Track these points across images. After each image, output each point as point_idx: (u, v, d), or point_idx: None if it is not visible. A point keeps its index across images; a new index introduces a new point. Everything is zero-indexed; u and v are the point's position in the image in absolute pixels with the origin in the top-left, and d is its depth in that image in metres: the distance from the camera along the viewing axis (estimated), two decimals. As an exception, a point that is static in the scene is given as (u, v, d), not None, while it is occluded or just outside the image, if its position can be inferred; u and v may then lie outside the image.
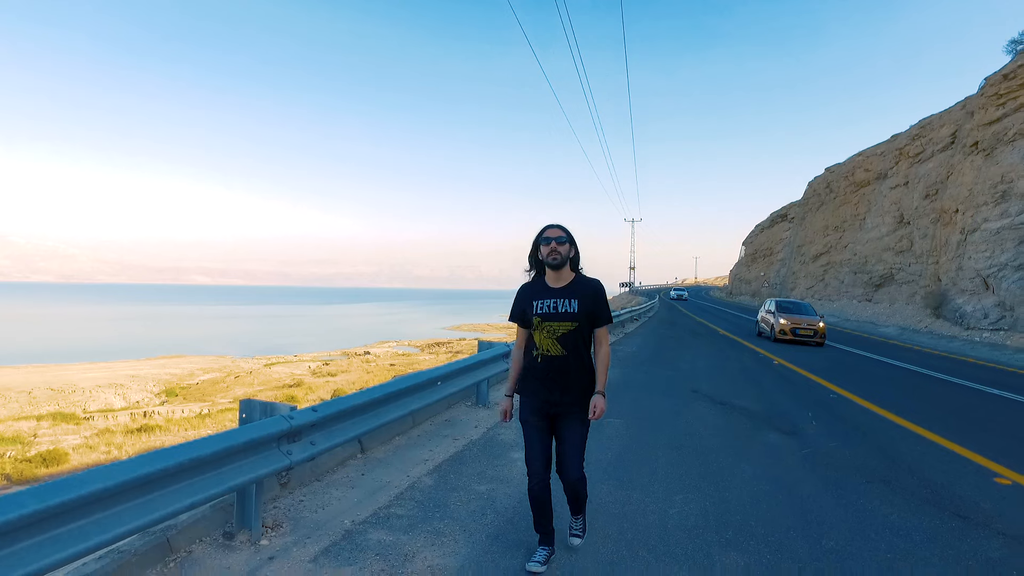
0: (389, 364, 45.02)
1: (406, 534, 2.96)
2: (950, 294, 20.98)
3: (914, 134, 27.80)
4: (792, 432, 5.49)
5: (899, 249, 27.16)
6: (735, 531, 3.14)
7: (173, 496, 2.40)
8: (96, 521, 2.07)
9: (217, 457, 2.55)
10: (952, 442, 5.30)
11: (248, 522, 2.85)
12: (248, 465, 2.67)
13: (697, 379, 8.52)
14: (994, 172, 19.59)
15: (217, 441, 2.54)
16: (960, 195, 21.47)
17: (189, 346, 55.56)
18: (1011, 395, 8.32)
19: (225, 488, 2.55)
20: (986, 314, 18.65)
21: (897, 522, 3.37)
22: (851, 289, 31.10)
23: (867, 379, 9.35)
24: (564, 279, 2.66)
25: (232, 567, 2.61)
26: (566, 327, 2.57)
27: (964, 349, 16.02)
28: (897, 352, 14.34)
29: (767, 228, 55.31)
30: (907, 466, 4.53)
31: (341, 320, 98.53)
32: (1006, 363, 12.86)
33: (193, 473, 2.48)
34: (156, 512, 2.30)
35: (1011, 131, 19.33)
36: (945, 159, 24.40)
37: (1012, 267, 18.17)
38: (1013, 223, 18.45)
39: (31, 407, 28.52)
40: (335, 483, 3.66)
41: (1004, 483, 4.19)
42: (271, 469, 2.74)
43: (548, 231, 2.64)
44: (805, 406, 6.79)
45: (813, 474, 4.25)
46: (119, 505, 2.17)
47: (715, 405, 6.64)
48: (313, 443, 3.01)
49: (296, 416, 2.88)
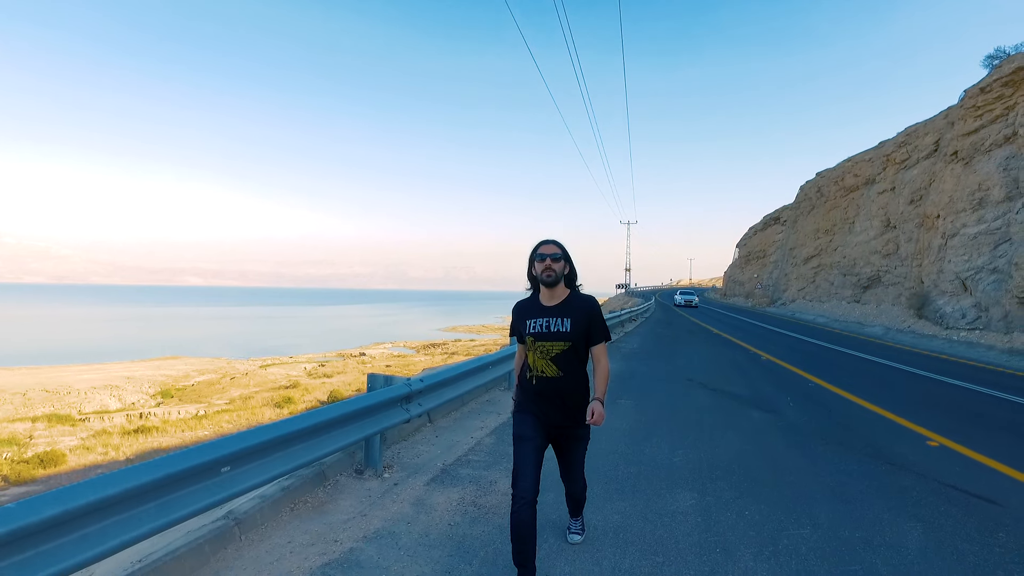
0: (385, 365, 45.91)
1: (486, 471, 4.16)
2: (932, 295, 22.44)
3: (900, 141, 29.33)
4: (771, 411, 6.74)
5: (886, 252, 28.66)
6: (722, 471, 4.37)
7: (334, 438, 3.56)
8: (281, 458, 3.10)
9: (361, 413, 3.73)
10: (902, 418, 6.56)
11: (373, 462, 4.04)
12: (381, 418, 3.87)
13: (693, 371, 9.78)
14: (972, 180, 21.06)
15: (362, 400, 3.72)
16: (941, 201, 22.96)
17: (184, 347, 56.16)
18: (964, 383, 9.63)
19: (367, 434, 3.74)
20: (964, 314, 20.10)
21: (843, 467, 4.61)
22: (840, 291, 32.61)
23: (843, 372, 10.64)
24: (557, 297, 2.62)
25: (371, 490, 3.79)
26: (559, 347, 2.55)
27: (942, 347, 17.40)
28: (878, 350, 15.69)
29: (760, 231, 56.97)
30: (860, 434, 5.78)
31: (336, 321, 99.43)
32: (975, 359, 14.21)
33: (346, 423, 3.65)
34: (322, 450, 3.41)
35: (987, 141, 20.82)
36: (928, 166, 25.92)
37: (988, 270, 19.61)
38: (989, 228, 19.90)
39: (26, 409, 29.08)
40: (418, 442, 4.86)
41: (933, 445, 5.44)
42: (396, 421, 3.93)
43: (543, 247, 2.61)
44: (785, 392, 8.05)
45: (784, 439, 5.49)
46: (295, 446, 3.25)
47: (708, 391, 7.89)
48: (420, 404, 4.23)
49: (413, 383, 4.09)
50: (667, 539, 3.14)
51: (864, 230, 31.11)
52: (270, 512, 3.27)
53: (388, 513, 3.41)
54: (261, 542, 2.98)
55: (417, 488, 3.83)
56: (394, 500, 3.62)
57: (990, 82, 21.06)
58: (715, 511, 3.56)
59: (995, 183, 19.97)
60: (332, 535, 3.10)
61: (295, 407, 29.13)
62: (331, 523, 3.25)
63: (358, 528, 3.19)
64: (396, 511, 3.44)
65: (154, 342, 60.48)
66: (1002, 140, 20.14)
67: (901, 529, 3.38)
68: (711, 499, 3.77)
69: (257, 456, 2.85)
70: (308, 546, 2.97)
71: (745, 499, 3.79)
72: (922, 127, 27.85)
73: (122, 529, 2.12)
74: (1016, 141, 19.47)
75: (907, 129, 29.29)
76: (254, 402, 31.08)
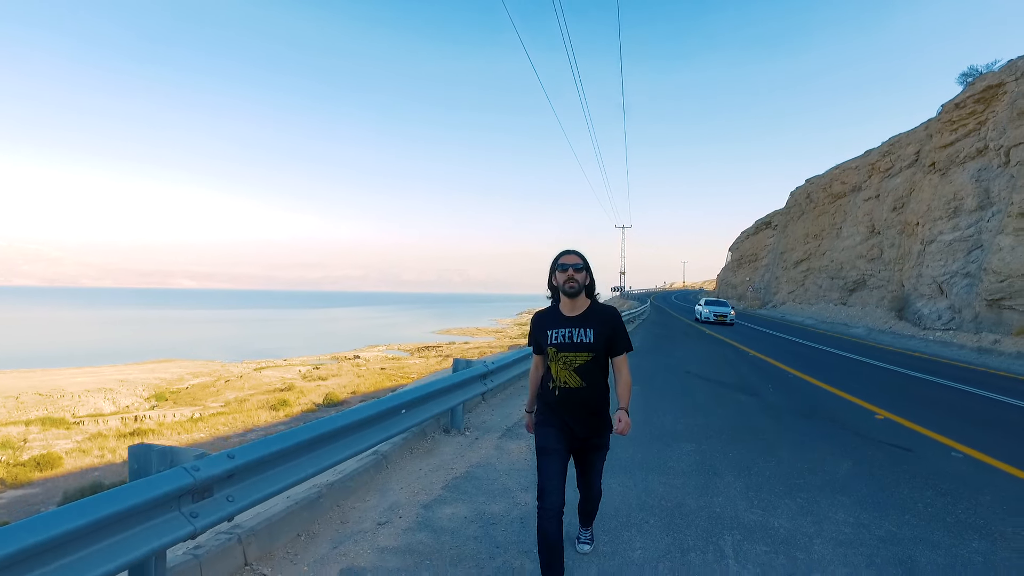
0: (380, 368, 47.01)
1: (539, 431, 5.69)
2: (911, 298, 24.33)
3: (884, 151, 31.32)
4: (755, 394, 8.36)
5: (870, 257, 30.60)
6: (714, 432, 5.95)
7: (443, 402, 5.06)
8: (428, 407, 4.70)
9: (456, 385, 5.26)
10: (862, 400, 8.19)
11: (457, 424, 5.57)
12: (467, 389, 5.43)
13: (689, 365, 11.40)
14: (948, 190, 22.97)
15: (456, 377, 5.25)
16: (920, 209, 24.88)
17: (177, 350, 56.86)
18: (923, 375, 11.33)
19: (461, 400, 5.29)
20: (939, 316, 21.97)
21: (805, 430, 6.21)
22: (828, 293, 34.55)
23: (822, 366, 12.30)
24: (579, 307, 2.66)
25: (460, 442, 5.32)
26: (583, 358, 2.58)
27: (918, 346, 19.19)
28: (858, 348, 17.43)
29: (752, 235, 59.11)
30: (824, 410, 7.40)
31: (329, 324, 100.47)
32: (945, 356, 15.97)
33: (448, 392, 5.17)
34: (441, 407, 4.94)
35: (962, 154, 22.75)
36: (910, 175, 27.88)
37: (961, 274, 21.49)
38: (963, 236, 21.79)
39: (19, 412, 29.86)
40: (480, 413, 6.40)
41: (880, 418, 7.06)
42: (477, 392, 5.50)
43: (565, 257, 2.65)
44: (768, 381, 9.68)
45: (764, 414, 7.08)
46: (428, 403, 4.79)
47: (703, 380, 9.50)
48: (492, 380, 5.77)
49: (488, 364, 5.65)
50: (676, 466, 4.71)
51: (851, 235, 33.07)
52: (399, 454, 4.78)
53: (479, 454, 4.94)
54: (401, 469, 4.50)
55: (493, 440, 5.36)
56: (480, 447, 5.15)
57: (964, 98, 23.00)
58: (708, 454, 5.13)
59: (968, 193, 21.87)
60: (447, 465, 4.63)
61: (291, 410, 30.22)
62: (442, 460, 4.78)
63: (463, 461, 4.72)
64: (484, 453, 4.97)
65: (147, 345, 61.16)
66: (975, 153, 22.06)
67: (838, 463, 4.97)
68: (705, 447, 5.34)
69: (417, 404, 4.44)
70: (434, 471, 4.49)
71: (729, 447, 5.37)
72: (905, 137, 29.84)
73: (362, 440, 3.64)
74: (987, 154, 21.39)
75: (891, 139, 31.30)
76: (249, 405, 32.02)
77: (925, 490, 4.33)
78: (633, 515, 3.65)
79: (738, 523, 3.58)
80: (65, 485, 17.04)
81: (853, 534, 3.47)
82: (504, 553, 3.10)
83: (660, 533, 3.41)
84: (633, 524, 3.52)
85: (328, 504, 3.63)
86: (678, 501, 3.93)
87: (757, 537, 3.38)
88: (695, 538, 3.35)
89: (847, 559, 3.13)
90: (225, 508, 2.48)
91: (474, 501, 3.88)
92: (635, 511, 3.72)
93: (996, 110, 21.13)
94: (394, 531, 3.37)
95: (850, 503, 3.99)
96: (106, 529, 2.02)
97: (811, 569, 3.01)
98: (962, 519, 3.78)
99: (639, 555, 3.12)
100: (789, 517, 3.70)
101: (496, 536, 3.33)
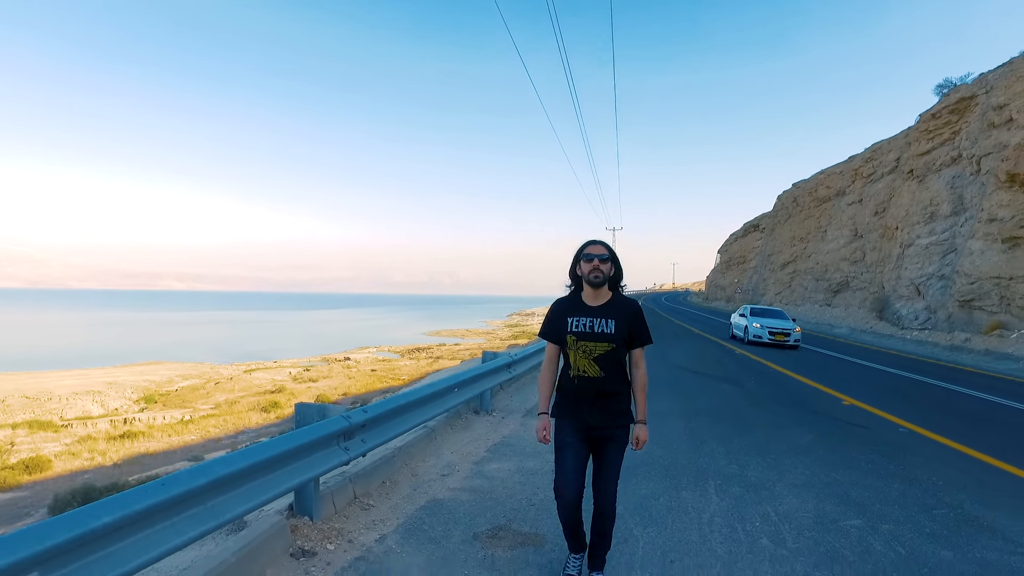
0: (370, 370, 47.64)
1: (554, 412, 6.81)
2: (891, 299, 25.81)
3: (867, 156, 32.90)
4: (738, 385, 9.54)
5: (854, 259, 32.14)
6: (701, 412, 7.10)
7: (481, 385, 6.15)
8: (474, 386, 5.80)
9: (489, 372, 6.35)
10: (833, 390, 9.40)
11: (486, 407, 6.66)
12: (497, 375, 6.52)
13: (679, 360, 12.58)
14: (925, 196, 24.47)
15: (486, 366, 6.34)
16: (899, 214, 26.38)
17: (166, 352, 57.00)
18: (895, 370, 12.61)
19: (494, 384, 6.39)
20: (916, 316, 23.43)
21: (780, 413, 7.38)
22: (814, 295, 36.09)
23: (801, 362, 13.54)
24: (602, 298, 2.70)
25: (489, 421, 6.41)
26: (603, 348, 2.62)
27: (895, 345, 20.58)
28: (839, 347, 18.76)
29: (741, 237, 60.82)
30: (798, 398, 8.59)
31: (319, 326, 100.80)
32: (920, 354, 17.33)
33: (483, 377, 6.27)
34: (480, 388, 6.04)
35: (938, 162, 24.26)
36: (891, 181, 29.42)
37: (936, 277, 22.97)
38: (938, 240, 23.28)
39: (5, 415, 30.07)
40: (503, 398, 7.50)
41: (846, 404, 8.25)
42: (505, 378, 6.59)
43: (591, 247, 2.69)
44: (751, 375, 10.88)
45: (745, 401, 8.25)
46: (471, 385, 5.88)
47: (692, 373, 10.68)
48: (515, 369, 6.85)
49: (512, 355, 6.73)
50: (668, 436, 5.86)
51: (835, 239, 34.62)
52: (442, 429, 5.86)
53: (508, 429, 6.04)
54: (447, 440, 5.57)
55: (517, 419, 6.46)
56: (508, 424, 6.26)
57: (939, 109, 24.53)
58: (696, 428, 6.28)
59: (944, 199, 23.37)
60: (484, 437, 5.72)
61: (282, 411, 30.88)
62: (479, 433, 5.87)
63: (496, 434, 5.82)
64: (512, 428, 6.07)
65: (136, 347, 61.28)
66: (949, 161, 23.57)
67: (803, 436, 6.14)
68: (694, 423, 6.50)
69: (465, 385, 5.59)
70: (475, 441, 5.57)
71: (714, 424, 6.52)
72: (886, 144, 31.41)
73: (436, 407, 4.73)
74: (961, 162, 22.91)
75: (874, 145, 32.88)
76: (240, 407, 32.54)
77: (869, 453, 5.51)
78: (639, 469, 4.76)
79: (719, 473, 4.72)
80: (55, 488, 17.34)
81: (806, 480, 4.63)
82: (544, 492, 4.19)
83: (660, 478, 4.53)
84: (640, 474, 4.63)
85: (399, 463, 4.70)
86: (672, 460, 5.06)
87: (734, 482, 4.52)
88: (687, 482, 4.48)
89: (800, 495, 4.28)
90: (362, 447, 3.58)
91: (513, 459, 4.98)
92: (640, 466, 4.83)
93: (969, 121, 22.66)
94: (457, 479, 4.46)
95: (808, 461, 5.15)
96: (295, 455, 3.07)
97: (773, 499, 4.15)
98: (892, 471, 4.95)
99: (644, 492, 4.24)
100: (759, 470, 4.85)
101: (536, 481, 4.43)
